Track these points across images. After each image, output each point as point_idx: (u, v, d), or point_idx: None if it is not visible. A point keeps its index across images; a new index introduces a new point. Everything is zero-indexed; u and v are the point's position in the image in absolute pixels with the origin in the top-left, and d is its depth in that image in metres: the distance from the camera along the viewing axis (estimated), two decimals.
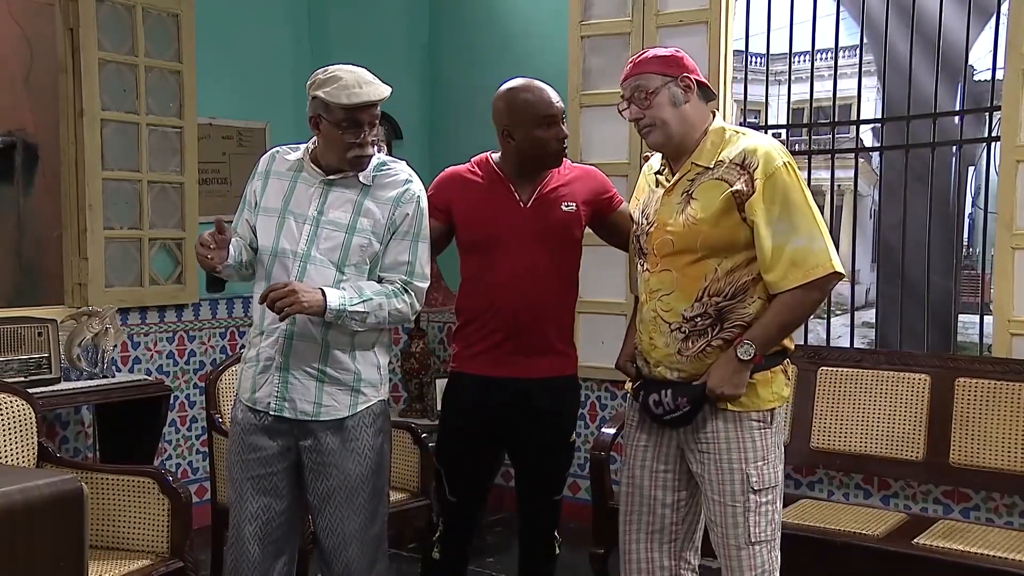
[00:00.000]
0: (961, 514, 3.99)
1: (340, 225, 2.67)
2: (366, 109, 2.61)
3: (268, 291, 2.55)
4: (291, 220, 2.69)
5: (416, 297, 2.74)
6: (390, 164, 2.78)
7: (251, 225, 2.76)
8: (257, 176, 2.80)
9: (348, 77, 2.60)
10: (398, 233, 2.72)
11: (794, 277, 2.51)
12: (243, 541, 2.72)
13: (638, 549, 2.76)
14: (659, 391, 2.63)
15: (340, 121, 2.60)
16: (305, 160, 2.74)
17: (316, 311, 2.56)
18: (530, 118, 2.86)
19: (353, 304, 2.60)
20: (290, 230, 2.68)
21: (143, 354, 4.72)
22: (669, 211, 2.62)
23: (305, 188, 2.72)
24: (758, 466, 2.58)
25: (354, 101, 2.57)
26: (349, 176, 2.70)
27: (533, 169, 2.95)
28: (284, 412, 2.68)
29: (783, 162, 2.54)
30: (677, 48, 2.68)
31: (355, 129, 2.61)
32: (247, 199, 2.80)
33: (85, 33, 4.41)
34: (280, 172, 2.77)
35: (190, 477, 4.85)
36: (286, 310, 2.53)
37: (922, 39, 4.80)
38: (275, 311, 2.54)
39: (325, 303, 2.56)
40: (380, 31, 5.36)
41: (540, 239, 2.89)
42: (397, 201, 2.71)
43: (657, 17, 4.61)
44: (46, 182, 5.48)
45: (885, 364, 3.98)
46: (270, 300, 2.54)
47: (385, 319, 2.68)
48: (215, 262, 2.61)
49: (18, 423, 3.28)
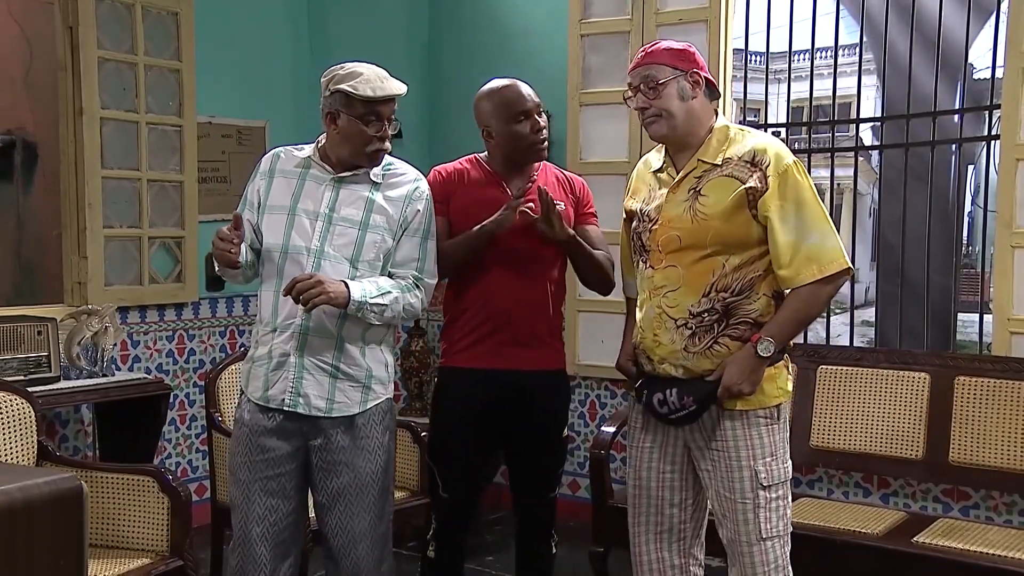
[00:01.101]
0: (961, 512, 3.99)
1: (353, 222, 2.69)
2: (388, 103, 2.67)
3: (293, 282, 2.55)
4: (302, 217, 2.70)
5: (426, 293, 2.79)
6: (395, 163, 2.83)
7: (253, 225, 2.76)
8: (260, 176, 2.80)
9: (368, 72, 2.66)
10: (409, 230, 2.76)
11: (809, 272, 2.53)
12: (250, 543, 2.71)
13: (649, 551, 2.78)
14: (664, 390, 2.63)
15: (364, 114, 2.64)
16: (314, 158, 2.76)
17: (341, 302, 2.58)
18: (504, 114, 2.93)
19: (373, 297, 2.64)
20: (302, 227, 2.69)
21: (143, 353, 4.72)
22: (675, 208, 2.62)
23: (315, 186, 2.73)
24: (767, 462, 2.59)
25: (379, 94, 2.63)
26: (359, 173, 2.72)
27: (518, 164, 2.99)
28: (298, 408, 2.67)
29: (792, 160, 2.58)
30: (689, 43, 2.69)
31: (378, 123, 2.66)
32: (248, 200, 2.79)
33: (84, 32, 4.41)
34: (286, 171, 2.77)
35: (190, 476, 4.85)
36: (313, 300, 2.54)
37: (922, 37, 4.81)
38: (301, 302, 2.54)
39: (348, 295, 2.58)
40: (380, 30, 5.36)
41: (530, 235, 2.91)
42: (409, 199, 2.75)
43: (657, 16, 4.61)
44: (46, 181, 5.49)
45: (885, 363, 3.98)
46: (296, 291, 2.54)
47: (399, 313, 2.71)
48: (236, 256, 2.60)
49: (18, 422, 3.28)
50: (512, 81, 2.98)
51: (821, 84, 5.19)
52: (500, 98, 2.94)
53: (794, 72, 5.02)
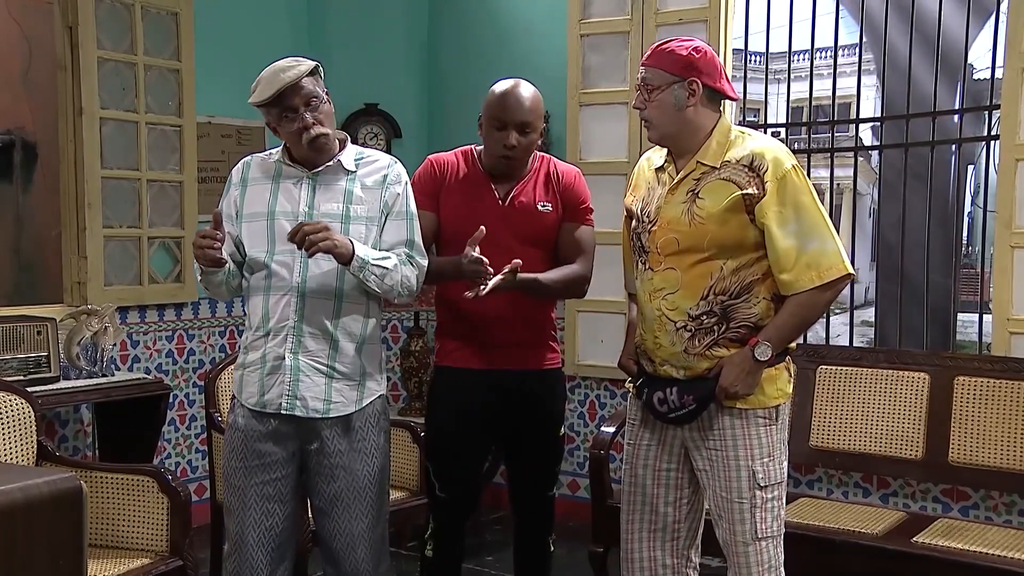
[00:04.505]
0: (960, 512, 3.99)
1: (334, 216, 2.67)
2: (291, 95, 2.60)
3: (300, 226, 2.53)
4: (282, 220, 2.67)
5: (419, 272, 2.75)
6: (368, 152, 2.80)
7: (234, 237, 2.72)
8: (233, 186, 2.78)
9: (267, 73, 2.63)
10: (392, 214, 2.73)
11: (809, 278, 2.53)
12: (247, 548, 2.70)
13: (641, 548, 2.77)
14: (664, 389, 2.63)
15: (278, 116, 2.62)
16: (283, 160, 2.73)
17: (344, 253, 2.56)
18: (489, 117, 2.92)
19: (375, 259, 2.62)
20: (282, 229, 2.65)
21: (142, 353, 4.72)
22: (673, 209, 2.62)
23: (290, 186, 2.71)
24: (764, 462, 2.59)
25: (269, 94, 2.59)
26: (330, 165, 2.70)
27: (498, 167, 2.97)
28: (296, 411, 2.66)
29: (792, 165, 2.56)
30: (699, 46, 2.61)
31: (292, 115, 2.62)
32: (225, 213, 2.74)
33: (84, 31, 4.41)
34: (257, 178, 2.75)
35: (189, 476, 4.85)
36: (318, 245, 2.51)
37: (921, 38, 4.80)
38: (305, 246, 2.52)
39: (353, 251, 2.57)
40: (379, 29, 5.36)
41: (515, 236, 2.90)
42: (386, 183, 2.73)
43: (657, 15, 4.61)
44: (45, 180, 5.49)
45: (884, 363, 3.98)
46: (302, 234, 2.51)
47: (397, 283, 2.67)
48: (219, 252, 2.57)
49: (17, 422, 3.28)
50: (516, 88, 2.93)
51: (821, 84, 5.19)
52: (495, 100, 2.92)
53: (794, 72, 5.02)
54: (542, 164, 3.04)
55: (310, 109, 2.62)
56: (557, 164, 3.07)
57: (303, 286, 2.65)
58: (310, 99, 2.62)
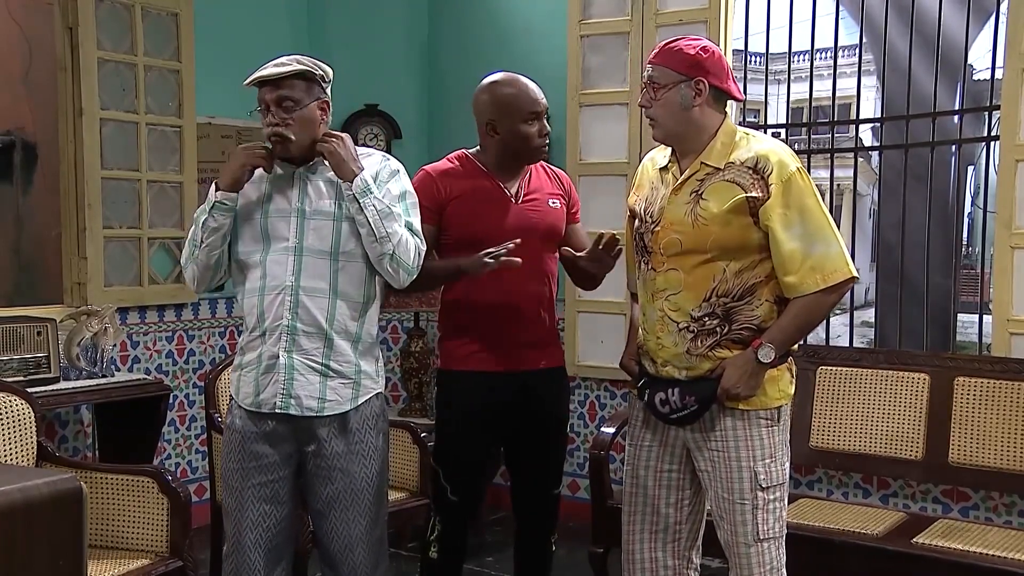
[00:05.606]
0: (960, 513, 3.99)
1: (327, 214, 2.68)
2: (266, 89, 2.64)
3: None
4: (275, 218, 2.69)
5: (419, 254, 2.71)
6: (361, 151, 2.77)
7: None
8: None
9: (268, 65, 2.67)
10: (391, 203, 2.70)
11: (813, 281, 2.52)
12: (244, 549, 2.70)
13: (642, 549, 2.77)
14: (666, 390, 2.63)
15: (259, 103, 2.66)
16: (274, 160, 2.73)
17: (351, 168, 2.61)
18: (515, 113, 2.90)
19: (379, 195, 2.63)
20: (276, 227, 2.67)
21: (142, 353, 4.72)
22: (676, 210, 2.61)
23: (282, 183, 2.72)
24: (766, 463, 2.59)
25: (252, 79, 2.64)
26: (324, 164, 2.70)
27: (515, 164, 2.98)
28: (290, 409, 2.66)
29: (796, 167, 2.55)
30: (707, 45, 2.61)
31: (263, 108, 2.65)
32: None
33: (84, 32, 4.41)
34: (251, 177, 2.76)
35: (189, 476, 4.85)
36: (328, 147, 2.60)
37: (921, 38, 4.80)
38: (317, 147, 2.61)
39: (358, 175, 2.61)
40: (379, 30, 5.36)
41: (529, 234, 2.90)
42: (379, 181, 2.69)
43: (657, 16, 4.61)
44: (45, 181, 5.48)
45: (884, 363, 3.98)
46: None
47: (396, 237, 2.63)
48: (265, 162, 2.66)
49: (17, 422, 3.28)
50: (520, 78, 2.95)
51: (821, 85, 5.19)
52: (512, 95, 2.91)
53: (794, 73, 5.02)
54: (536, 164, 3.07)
55: (282, 109, 2.63)
56: (548, 166, 3.11)
57: (297, 284, 2.65)
58: (283, 100, 2.63)
